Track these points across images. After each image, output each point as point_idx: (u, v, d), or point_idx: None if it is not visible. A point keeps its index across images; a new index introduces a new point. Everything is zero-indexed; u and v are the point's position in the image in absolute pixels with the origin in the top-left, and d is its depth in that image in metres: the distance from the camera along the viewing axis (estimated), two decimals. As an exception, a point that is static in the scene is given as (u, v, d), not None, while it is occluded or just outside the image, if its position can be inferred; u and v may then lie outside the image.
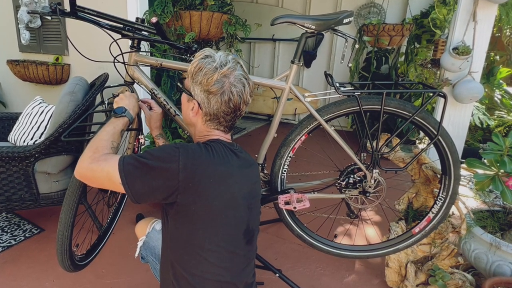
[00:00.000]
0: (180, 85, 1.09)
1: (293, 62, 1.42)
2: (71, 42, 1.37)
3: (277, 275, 1.65)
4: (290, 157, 1.50)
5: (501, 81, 3.53)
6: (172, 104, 1.43)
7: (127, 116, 1.16)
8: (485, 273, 1.57)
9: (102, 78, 2.09)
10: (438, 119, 1.40)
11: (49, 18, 3.06)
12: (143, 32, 1.37)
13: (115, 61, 1.29)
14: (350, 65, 3.83)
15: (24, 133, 2.11)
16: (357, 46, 3.71)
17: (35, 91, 3.29)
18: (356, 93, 1.38)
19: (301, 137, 1.48)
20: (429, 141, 1.46)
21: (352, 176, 1.51)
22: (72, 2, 1.20)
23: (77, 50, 1.31)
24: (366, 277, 1.82)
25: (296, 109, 4.81)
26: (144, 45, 2.23)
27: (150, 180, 0.90)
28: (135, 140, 1.53)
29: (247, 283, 1.06)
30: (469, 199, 1.91)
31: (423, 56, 3.45)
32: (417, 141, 3.21)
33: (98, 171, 0.93)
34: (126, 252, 1.93)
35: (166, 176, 0.91)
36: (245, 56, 4.99)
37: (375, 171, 1.47)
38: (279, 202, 1.47)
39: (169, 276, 1.02)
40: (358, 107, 1.39)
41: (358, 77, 3.94)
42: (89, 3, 1.50)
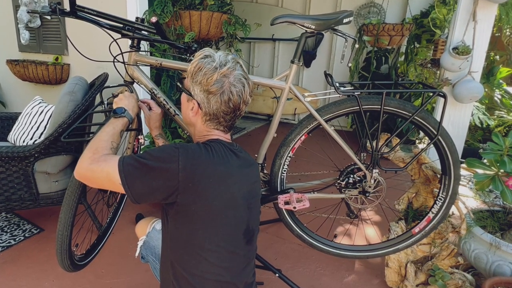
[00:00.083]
0: (180, 85, 1.09)
1: (293, 62, 1.42)
2: (70, 41, 1.37)
3: (277, 275, 1.65)
4: (290, 157, 1.50)
5: (501, 81, 3.53)
6: (172, 104, 1.43)
7: (127, 116, 1.16)
8: (485, 273, 1.58)
9: (102, 78, 2.09)
10: (438, 119, 1.40)
11: (48, 17, 3.05)
12: (143, 32, 1.37)
13: (115, 60, 1.28)
14: (350, 65, 3.82)
15: (24, 133, 2.11)
16: (357, 46, 3.70)
17: (34, 91, 3.29)
18: (356, 93, 1.38)
19: (300, 137, 1.47)
20: (429, 141, 1.46)
21: (352, 176, 1.51)
22: (72, 1, 1.20)
23: (77, 50, 1.30)
24: (366, 277, 1.82)
25: (296, 109, 4.81)
26: (144, 45, 2.23)
27: (150, 181, 0.90)
28: (134, 140, 1.52)
29: (247, 283, 1.06)
30: (469, 199, 1.91)
31: (423, 56, 3.45)
32: (417, 141, 3.21)
33: (98, 172, 0.93)
34: (126, 252, 1.93)
35: (166, 176, 0.91)
36: (245, 56, 4.99)
37: (375, 171, 1.47)
38: (278, 202, 1.47)
39: (169, 276, 1.02)
40: (358, 107, 1.39)
41: (358, 77, 3.94)
42: (89, 2, 1.50)
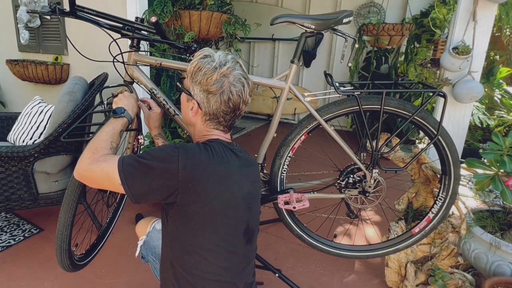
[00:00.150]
0: (180, 85, 1.09)
1: (292, 62, 1.41)
2: (70, 41, 1.37)
3: (277, 275, 1.65)
4: (290, 157, 1.50)
5: (501, 80, 3.53)
6: (172, 103, 1.43)
7: (126, 116, 1.15)
8: (485, 273, 1.58)
9: (102, 77, 2.09)
10: (438, 118, 1.40)
11: (48, 17, 3.05)
12: (143, 32, 1.37)
13: (115, 60, 1.28)
14: (350, 64, 3.81)
15: (24, 132, 2.11)
16: (356, 45, 3.69)
17: (34, 91, 3.29)
18: (355, 92, 1.37)
19: (300, 136, 1.47)
20: (429, 141, 1.46)
21: (352, 176, 1.51)
22: (72, 1, 1.19)
23: (77, 50, 1.30)
24: (366, 277, 1.82)
25: (295, 108, 4.81)
26: (144, 45, 2.23)
27: (149, 181, 0.90)
28: (134, 140, 1.52)
29: (247, 283, 1.06)
30: (469, 199, 1.91)
31: (423, 56, 3.45)
32: (417, 141, 3.20)
33: (98, 172, 0.93)
34: (126, 252, 1.93)
35: (165, 176, 0.90)
36: (245, 55, 4.99)
37: (374, 171, 1.47)
38: (278, 202, 1.47)
39: (169, 275, 1.02)
40: (358, 107, 1.39)
41: (357, 76, 3.94)
42: (88, 2, 1.50)
